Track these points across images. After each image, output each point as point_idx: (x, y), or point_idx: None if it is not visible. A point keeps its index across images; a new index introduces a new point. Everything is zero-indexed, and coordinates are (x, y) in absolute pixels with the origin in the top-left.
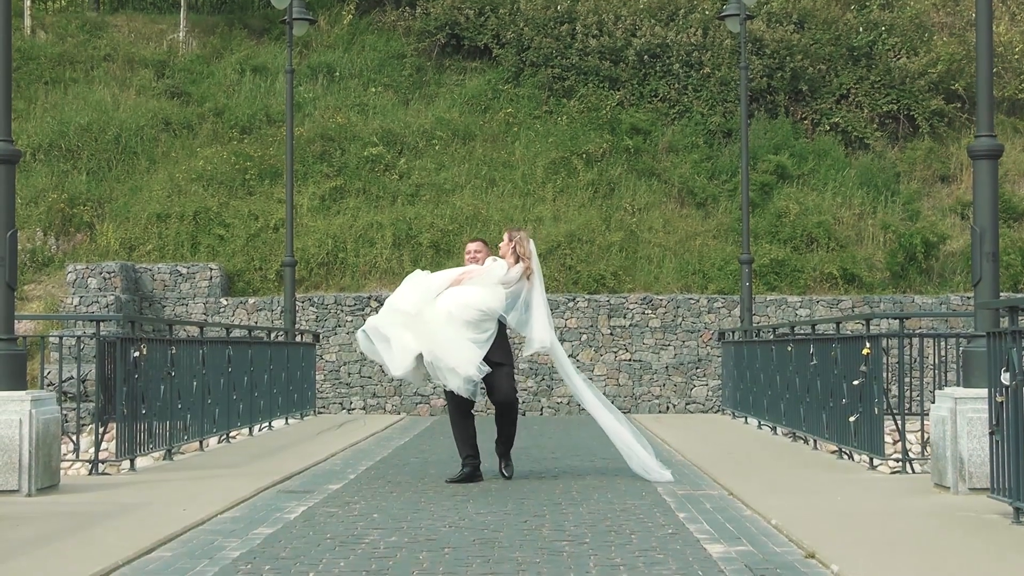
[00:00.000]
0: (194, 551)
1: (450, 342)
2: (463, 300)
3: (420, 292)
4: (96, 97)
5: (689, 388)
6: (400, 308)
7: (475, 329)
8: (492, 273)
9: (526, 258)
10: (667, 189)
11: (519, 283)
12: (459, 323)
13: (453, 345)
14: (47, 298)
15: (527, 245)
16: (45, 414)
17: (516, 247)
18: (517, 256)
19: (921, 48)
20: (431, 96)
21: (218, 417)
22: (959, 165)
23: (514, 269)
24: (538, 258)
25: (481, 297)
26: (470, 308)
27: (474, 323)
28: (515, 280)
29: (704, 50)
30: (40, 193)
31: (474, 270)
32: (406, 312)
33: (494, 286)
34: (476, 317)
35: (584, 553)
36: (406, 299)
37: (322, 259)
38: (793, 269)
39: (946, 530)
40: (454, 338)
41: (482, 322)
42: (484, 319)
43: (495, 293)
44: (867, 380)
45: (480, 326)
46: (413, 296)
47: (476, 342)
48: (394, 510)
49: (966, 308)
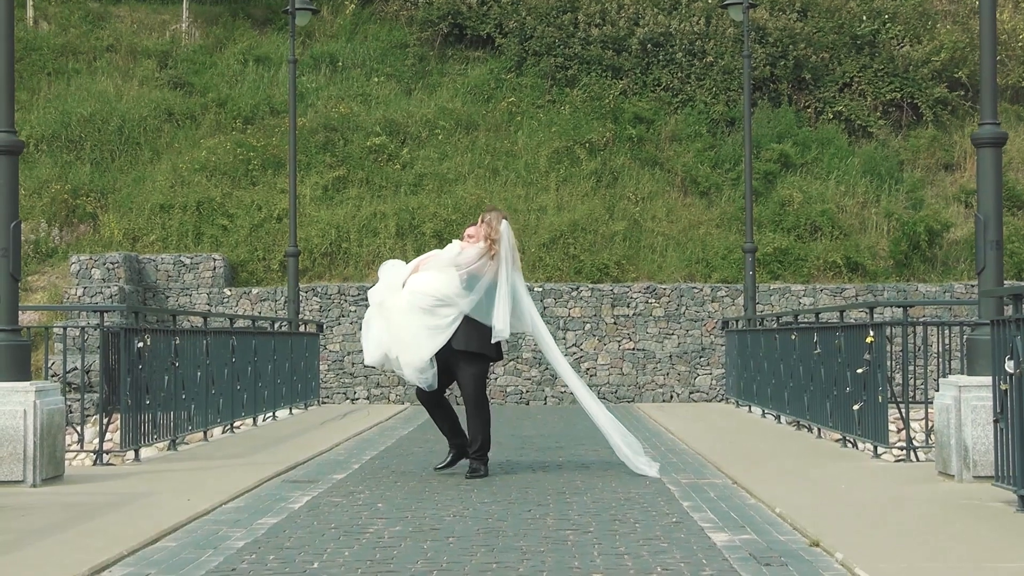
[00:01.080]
0: (199, 541)
1: (404, 331)
2: (417, 287)
3: (386, 282)
4: (99, 88)
5: (693, 377)
6: (370, 299)
7: (431, 316)
8: (441, 257)
9: (490, 239)
10: (670, 178)
11: (478, 266)
12: (416, 311)
13: (406, 335)
14: (51, 289)
15: (496, 225)
16: (49, 405)
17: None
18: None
19: (925, 36)
20: (434, 86)
21: (222, 407)
22: (963, 153)
23: (468, 251)
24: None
25: (432, 282)
26: (422, 295)
27: (428, 310)
28: (471, 262)
29: (707, 39)
30: (43, 184)
31: (432, 255)
32: (373, 303)
33: (446, 270)
34: (428, 304)
35: (588, 542)
36: (375, 289)
37: (325, 249)
38: (797, 258)
39: (950, 518)
40: (407, 327)
41: (437, 308)
42: (438, 305)
43: (448, 277)
44: (871, 368)
45: (436, 312)
46: (380, 286)
47: (434, 329)
48: (398, 499)
49: (970, 296)
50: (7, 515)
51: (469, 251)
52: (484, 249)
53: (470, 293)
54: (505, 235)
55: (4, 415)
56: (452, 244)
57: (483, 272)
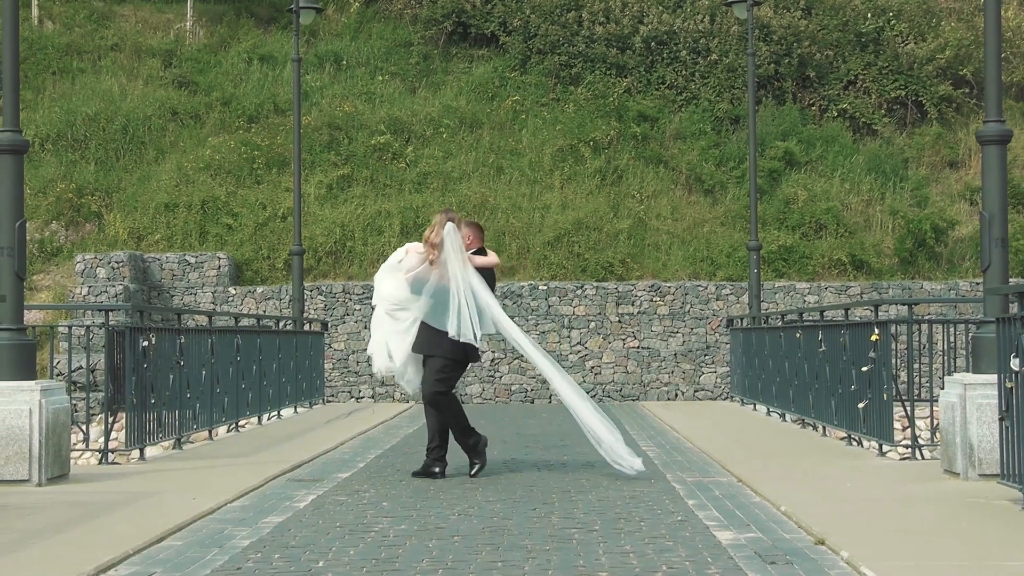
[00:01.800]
0: (204, 540)
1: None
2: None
3: None
4: (104, 87)
5: (698, 375)
6: None
7: (392, 320)
8: (388, 262)
9: (429, 242)
10: (675, 176)
11: (421, 270)
12: (384, 317)
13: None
14: (56, 288)
15: (439, 228)
16: (55, 404)
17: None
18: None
19: (929, 33)
20: (438, 84)
21: (227, 406)
22: (968, 151)
23: (410, 256)
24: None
25: (386, 287)
26: (383, 299)
27: (390, 314)
28: (412, 267)
29: (711, 37)
30: (48, 183)
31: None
32: None
33: (395, 275)
34: (387, 308)
35: (594, 540)
36: None
37: (330, 248)
38: (801, 256)
39: (956, 516)
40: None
41: (396, 311)
42: (396, 309)
43: (396, 282)
44: (876, 366)
45: (396, 315)
46: None
47: (397, 332)
48: (403, 498)
49: (975, 294)
50: (13, 514)
51: (411, 256)
52: (425, 253)
53: (418, 297)
54: (448, 237)
55: (10, 414)
56: (399, 249)
57: (427, 276)
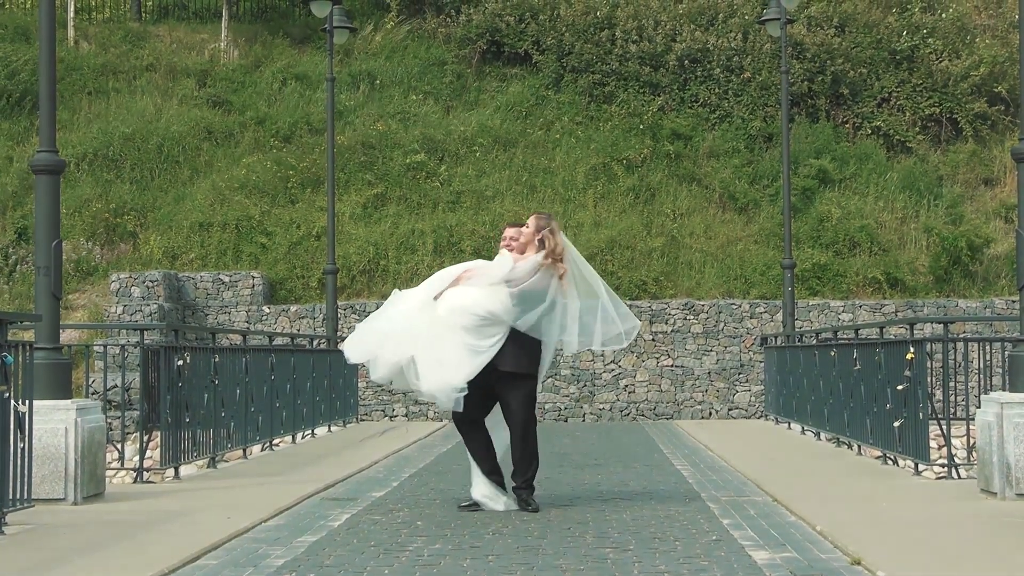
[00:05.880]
0: (238, 559)
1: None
2: (458, 303)
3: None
4: (139, 107)
5: (732, 394)
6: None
7: (473, 335)
8: (491, 273)
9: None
10: (708, 194)
11: (532, 281)
12: (456, 329)
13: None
14: (91, 307)
15: (558, 237)
16: (90, 423)
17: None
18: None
19: (963, 50)
20: (472, 103)
21: (261, 425)
22: (1003, 168)
23: (521, 265)
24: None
25: (477, 299)
26: (463, 311)
27: (471, 328)
28: (524, 277)
29: (744, 54)
30: (84, 203)
31: (477, 267)
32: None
33: (495, 286)
34: (472, 322)
35: (628, 560)
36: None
37: (364, 266)
38: (835, 274)
39: (994, 536)
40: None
41: (482, 327)
42: (484, 324)
43: (495, 294)
44: (911, 385)
45: (480, 331)
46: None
47: (475, 349)
48: (438, 517)
49: (1011, 312)
50: (49, 533)
51: (522, 265)
52: (539, 263)
53: (521, 311)
54: (570, 248)
55: (46, 433)
56: (502, 257)
57: (537, 287)
